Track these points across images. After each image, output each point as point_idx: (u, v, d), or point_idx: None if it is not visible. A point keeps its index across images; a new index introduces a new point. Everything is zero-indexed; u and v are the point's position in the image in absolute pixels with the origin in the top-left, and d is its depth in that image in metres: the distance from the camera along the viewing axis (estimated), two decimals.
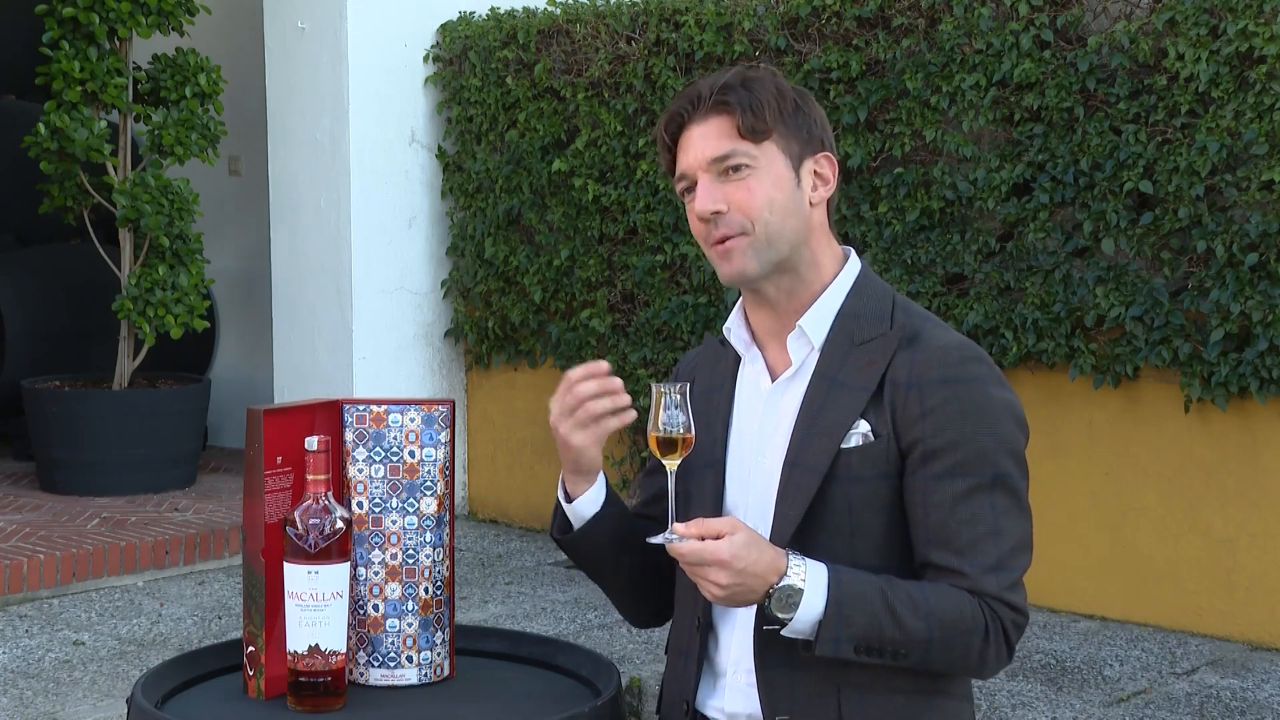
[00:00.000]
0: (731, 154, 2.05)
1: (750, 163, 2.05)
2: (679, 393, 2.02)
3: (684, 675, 2.15)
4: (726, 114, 2.05)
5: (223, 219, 8.34)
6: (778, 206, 2.05)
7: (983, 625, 1.97)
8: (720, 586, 1.92)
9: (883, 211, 5.78)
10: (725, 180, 2.05)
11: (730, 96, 2.05)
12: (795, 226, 2.07)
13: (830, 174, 2.11)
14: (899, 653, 1.95)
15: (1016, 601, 1.99)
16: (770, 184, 2.05)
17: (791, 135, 2.07)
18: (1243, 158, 5.01)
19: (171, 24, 7.03)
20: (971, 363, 2.03)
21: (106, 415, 6.99)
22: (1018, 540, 2.01)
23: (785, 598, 1.93)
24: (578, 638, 5.17)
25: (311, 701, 2.16)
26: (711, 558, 1.91)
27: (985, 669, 2.02)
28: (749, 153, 2.05)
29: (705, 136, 2.06)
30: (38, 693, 4.69)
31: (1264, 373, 4.97)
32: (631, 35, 6.55)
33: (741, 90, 2.05)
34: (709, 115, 2.06)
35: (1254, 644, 5.18)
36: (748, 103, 2.04)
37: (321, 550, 2.14)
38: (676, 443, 2.02)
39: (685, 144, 2.09)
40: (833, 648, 1.94)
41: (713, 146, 2.05)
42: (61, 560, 5.88)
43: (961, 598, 1.97)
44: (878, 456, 2.01)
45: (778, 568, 1.94)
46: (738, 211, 2.04)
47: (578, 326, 6.77)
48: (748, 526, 1.96)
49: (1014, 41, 5.44)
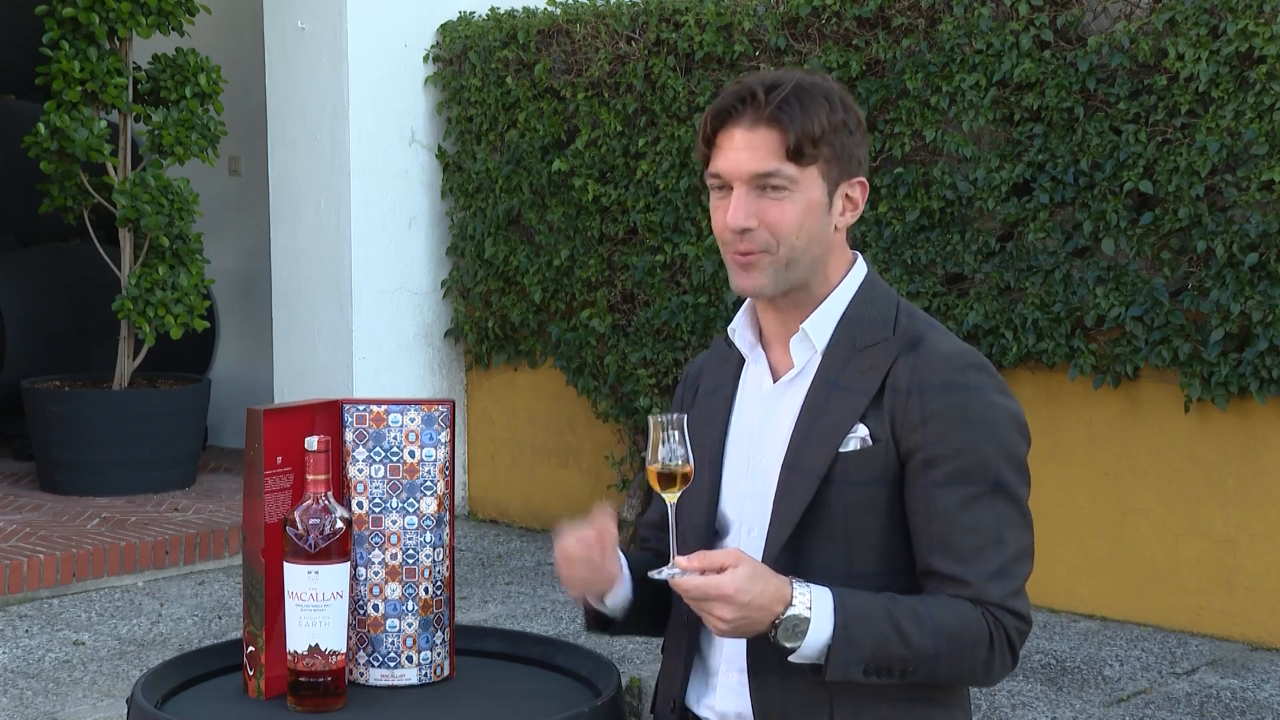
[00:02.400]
0: (775, 174, 2.00)
1: (790, 186, 2.01)
2: (676, 425, 2.00)
3: (679, 673, 2.15)
4: (778, 130, 2.00)
5: (223, 219, 8.33)
6: (805, 232, 2.03)
7: (987, 635, 1.97)
8: (725, 620, 1.90)
9: (883, 211, 5.78)
10: (761, 196, 2.02)
11: (785, 113, 1.99)
12: (817, 251, 2.06)
13: (860, 199, 2.09)
14: (907, 670, 1.95)
15: (1020, 609, 1.99)
16: (804, 208, 2.02)
17: (834, 159, 2.03)
18: (1243, 158, 5.01)
19: (171, 24, 7.03)
20: (973, 370, 2.02)
21: (106, 415, 6.99)
22: (1020, 547, 2.00)
23: (792, 627, 1.92)
24: (578, 638, 5.17)
25: (311, 701, 2.16)
26: (715, 593, 1.89)
27: (991, 678, 2.01)
28: (791, 175, 2.01)
29: (751, 147, 2.01)
30: (38, 693, 4.69)
31: (1264, 373, 4.97)
32: (631, 35, 6.55)
33: (796, 106, 2.00)
34: (759, 125, 2.01)
35: (1254, 644, 5.18)
36: (800, 123, 1.99)
37: (321, 550, 2.14)
38: (676, 476, 2.00)
39: (727, 144, 2.04)
40: (843, 672, 1.93)
41: (758, 161, 2.00)
42: (61, 560, 5.88)
43: (965, 609, 1.96)
44: (875, 461, 2.00)
45: (783, 597, 1.92)
46: (767, 230, 2.02)
47: (578, 326, 6.77)
48: (750, 557, 1.94)
49: (1014, 41, 5.44)
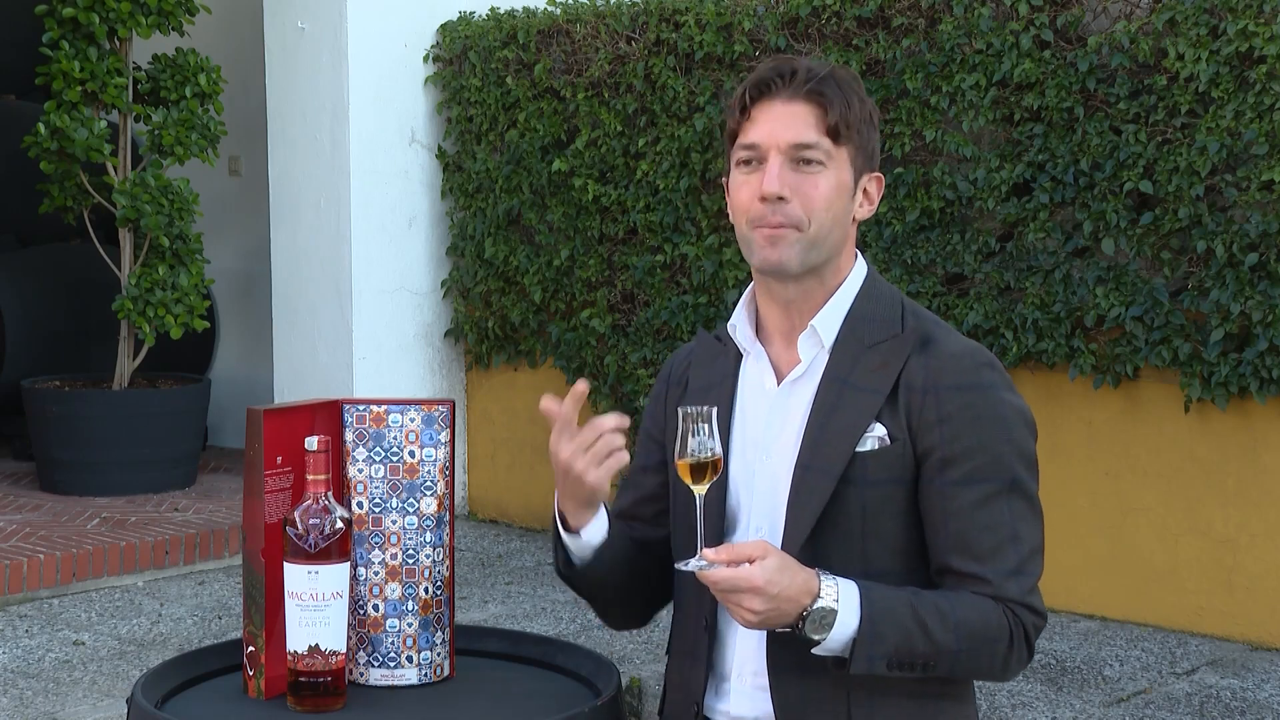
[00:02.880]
0: (815, 145, 2.02)
1: (826, 161, 2.02)
2: (706, 417, 1.97)
3: (692, 678, 2.13)
4: (819, 104, 2.02)
5: (223, 219, 8.33)
6: (834, 211, 2.04)
7: (1007, 631, 1.98)
8: (754, 613, 1.90)
9: (883, 211, 5.77)
10: (797, 169, 2.02)
11: (827, 89, 2.02)
12: (839, 236, 2.07)
13: (876, 196, 2.11)
14: (929, 665, 1.96)
15: (1036, 605, 2.01)
16: (835, 187, 2.04)
17: (861, 148, 2.06)
18: (1243, 158, 5.01)
19: (171, 24, 7.03)
20: (985, 369, 2.03)
21: (106, 415, 6.99)
22: (1035, 544, 2.02)
23: (820, 619, 1.92)
24: (578, 638, 5.17)
25: (311, 701, 2.16)
26: (746, 585, 1.89)
27: (1008, 673, 2.03)
28: (828, 150, 2.02)
29: (793, 117, 2.02)
30: (38, 693, 4.69)
31: (1264, 373, 4.97)
32: (631, 35, 6.55)
33: (836, 87, 2.02)
34: (799, 98, 2.02)
35: (1254, 644, 5.17)
36: (841, 100, 2.02)
37: (321, 550, 2.14)
38: (707, 467, 1.97)
39: (764, 115, 2.04)
40: (867, 665, 1.93)
41: (798, 131, 2.02)
42: (61, 560, 5.88)
43: (986, 605, 1.97)
44: (893, 460, 2.01)
45: (810, 589, 1.92)
46: (800, 203, 2.02)
47: (578, 326, 6.77)
48: (778, 549, 1.94)
49: (1014, 41, 5.43)
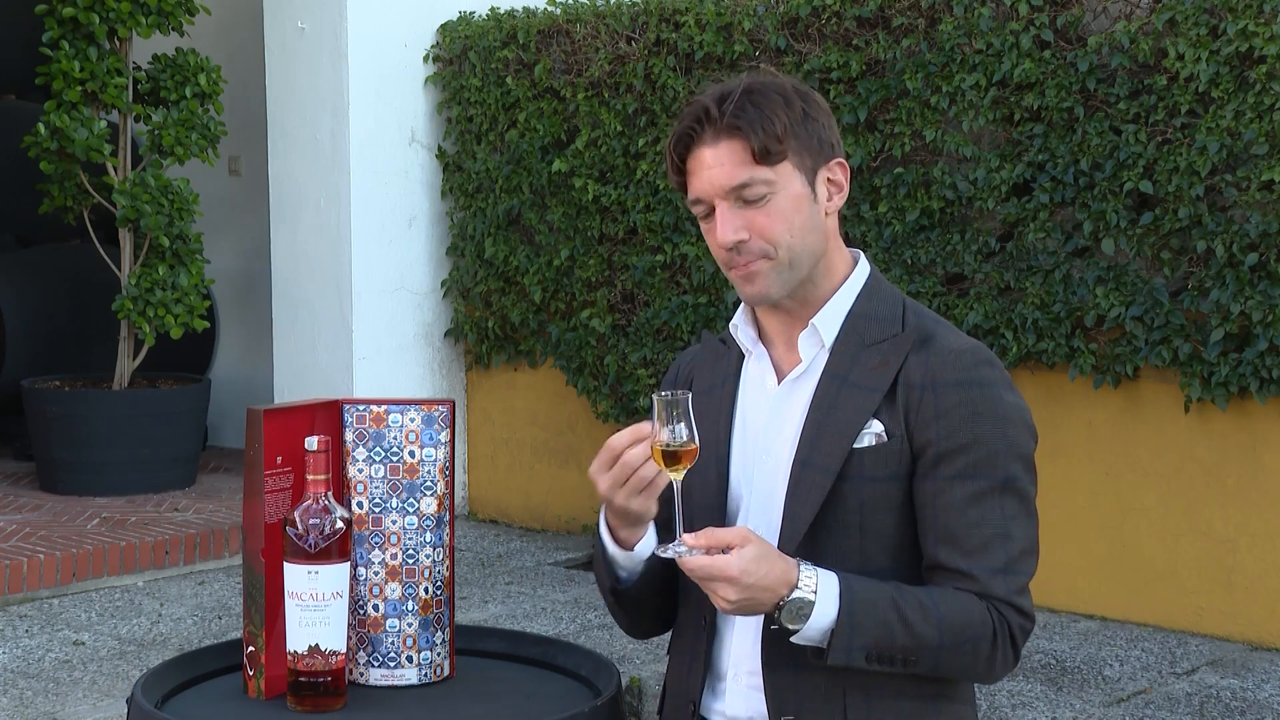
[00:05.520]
0: (749, 182, 1.99)
1: (768, 188, 2.00)
2: (680, 403, 1.95)
3: (689, 677, 2.14)
4: (739, 138, 1.99)
5: (223, 219, 8.33)
6: (798, 227, 2.02)
7: (991, 630, 1.97)
8: (729, 600, 1.91)
9: (883, 211, 5.78)
10: (744, 207, 2.01)
11: (741, 119, 1.98)
12: (815, 242, 2.05)
13: (843, 179, 2.08)
14: (909, 660, 1.95)
15: (1024, 606, 2.00)
16: (789, 206, 2.02)
17: (804, 149, 2.02)
18: (1243, 158, 5.01)
19: (171, 24, 7.03)
20: (984, 366, 2.03)
21: (106, 415, 6.99)
22: (1026, 545, 2.01)
23: (796, 610, 1.92)
24: (578, 638, 5.17)
25: (311, 701, 2.16)
26: (720, 574, 1.89)
27: (993, 674, 2.02)
28: (766, 178, 2.00)
29: (719, 163, 2.00)
30: (38, 693, 4.69)
31: (1264, 373, 4.97)
32: (631, 35, 6.55)
33: (751, 110, 1.99)
34: (720, 138, 2.00)
35: (1254, 644, 5.17)
36: (759, 124, 1.98)
37: (321, 550, 2.14)
38: (680, 455, 1.96)
39: (697, 166, 2.03)
40: (845, 657, 1.93)
41: (728, 174, 1.99)
42: (61, 560, 5.88)
43: (970, 603, 1.97)
44: (890, 457, 2.01)
45: (788, 580, 1.92)
46: (759, 238, 2.01)
47: (578, 326, 6.77)
48: (758, 537, 1.93)
49: (1014, 41, 5.43)
